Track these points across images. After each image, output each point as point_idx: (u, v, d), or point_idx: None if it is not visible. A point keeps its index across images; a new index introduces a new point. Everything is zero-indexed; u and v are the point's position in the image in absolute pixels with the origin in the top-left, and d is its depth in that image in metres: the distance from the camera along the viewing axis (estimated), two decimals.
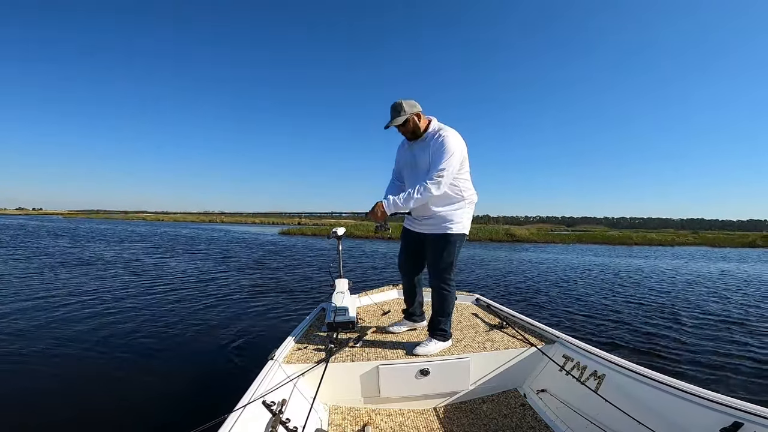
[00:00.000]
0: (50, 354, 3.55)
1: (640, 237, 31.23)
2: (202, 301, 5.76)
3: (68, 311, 4.97)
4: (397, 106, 2.19)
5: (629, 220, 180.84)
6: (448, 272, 2.30)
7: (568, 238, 30.67)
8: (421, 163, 2.26)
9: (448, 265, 2.29)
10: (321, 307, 3.06)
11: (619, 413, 1.67)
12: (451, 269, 2.30)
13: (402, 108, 2.18)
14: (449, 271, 2.30)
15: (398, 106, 2.19)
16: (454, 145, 2.13)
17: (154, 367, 3.35)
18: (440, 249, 2.27)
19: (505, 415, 2.08)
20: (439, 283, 2.31)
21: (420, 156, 2.27)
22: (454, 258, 2.29)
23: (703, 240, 32.14)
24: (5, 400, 2.75)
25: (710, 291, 8.22)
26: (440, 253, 2.27)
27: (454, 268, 2.32)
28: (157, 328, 4.36)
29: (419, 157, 2.28)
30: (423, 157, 2.24)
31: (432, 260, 2.35)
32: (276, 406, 1.61)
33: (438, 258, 2.28)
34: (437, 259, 2.29)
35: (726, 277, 10.74)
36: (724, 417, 1.39)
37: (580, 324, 5.14)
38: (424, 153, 2.24)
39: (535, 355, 2.32)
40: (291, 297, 6.29)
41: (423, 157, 2.24)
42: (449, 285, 2.31)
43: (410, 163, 2.38)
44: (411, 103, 2.21)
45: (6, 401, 2.74)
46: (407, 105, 2.19)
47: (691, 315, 5.84)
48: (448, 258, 2.28)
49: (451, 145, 2.13)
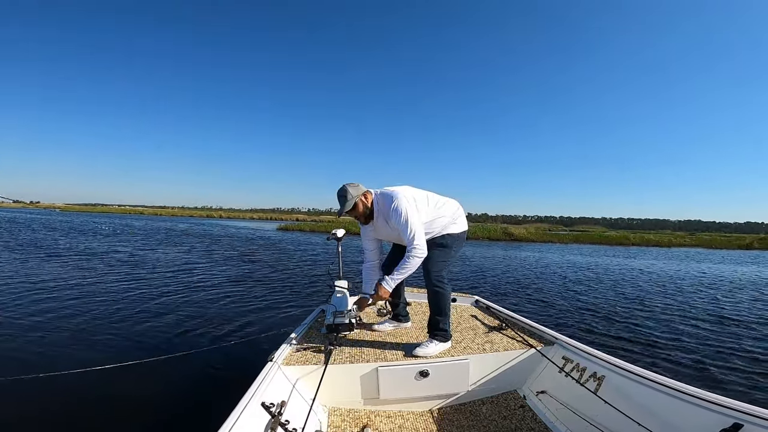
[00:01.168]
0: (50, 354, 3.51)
1: (638, 238, 31.38)
2: (200, 302, 5.72)
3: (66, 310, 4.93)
4: (344, 192, 2.23)
5: (627, 220, 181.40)
6: (441, 271, 2.30)
7: (565, 237, 30.81)
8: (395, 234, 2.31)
9: (440, 264, 2.31)
10: (320, 308, 3.05)
11: (618, 415, 1.67)
12: (444, 268, 2.31)
13: (347, 192, 2.22)
14: (442, 270, 2.31)
15: (344, 192, 2.23)
16: (405, 209, 2.16)
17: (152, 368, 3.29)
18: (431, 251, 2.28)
19: (504, 416, 2.09)
20: (432, 282, 2.31)
21: (391, 231, 2.32)
22: (446, 258, 2.32)
23: (699, 241, 32.33)
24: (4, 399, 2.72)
25: (706, 292, 8.26)
26: (431, 255, 2.27)
27: (448, 267, 2.34)
28: (155, 329, 4.32)
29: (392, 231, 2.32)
30: (392, 231, 2.29)
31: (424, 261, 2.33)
32: (275, 407, 1.60)
33: (428, 258, 2.27)
34: (428, 259, 2.27)
35: (719, 278, 10.80)
36: (724, 418, 1.40)
37: (579, 325, 5.15)
38: (391, 228, 2.29)
39: (535, 357, 2.32)
40: (290, 298, 6.26)
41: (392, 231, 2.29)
42: (443, 284, 2.30)
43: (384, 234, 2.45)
44: (353, 184, 2.27)
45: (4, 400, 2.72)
46: (350, 189, 2.24)
47: (691, 316, 5.86)
48: (440, 258, 2.31)
49: (403, 211, 2.15)
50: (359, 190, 2.27)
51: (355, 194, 2.24)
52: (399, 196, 2.21)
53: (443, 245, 2.34)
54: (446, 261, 2.33)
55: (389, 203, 2.21)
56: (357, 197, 2.25)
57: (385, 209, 2.25)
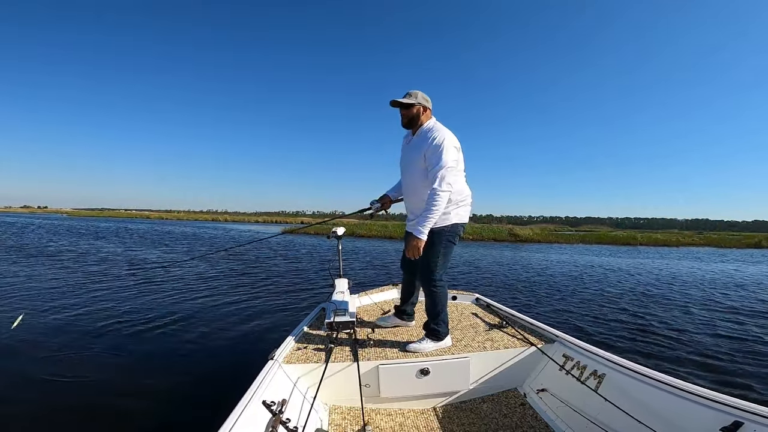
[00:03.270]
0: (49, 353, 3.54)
1: (645, 237, 30.98)
2: (201, 301, 5.76)
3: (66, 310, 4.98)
4: (413, 92, 2.28)
5: (633, 220, 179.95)
6: (434, 269, 2.28)
7: (572, 238, 30.55)
8: (415, 161, 2.29)
9: (433, 262, 2.27)
10: (321, 306, 3.06)
11: (619, 412, 1.67)
12: (437, 266, 2.28)
13: (416, 95, 2.27)
14: (435, 268, 2.27)
15: (413, 92, 2.28)
16: (447, 142, 2.15)
17: (153, 367, 3.35)
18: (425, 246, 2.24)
19: (505, 414, 2.09)
20: (425, 280, 2.32)
21: (414, 154, 2.30)
22: (439, 255, 2.27)
23: (707, 240, 31.92)
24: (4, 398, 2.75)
25: (711, 291, 8.17)
26: (424, 250, 2.23)
27: (441, 265, 2.29)
28: (156, 328, 4.35)
29: (413, 156, 2.30)
30: (416, 155, 2.27)
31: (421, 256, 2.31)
32: (276, 406, 1.61)
33: (422, 255, 2.24)
34: (422, 255, 2.24)
35: (727, 277, 10.67)
36: (725, 416, 1.39)
37: (582, 323, 5.13)
38: (417, 151, 2.27)
39: (535, 355, 2.32)
40: (291, 297, 6.29)
41: (416, 155, 2.27)
42: (435, 283, 2.28)
43: (405, 162, 2.43)
44: (426, 97, 2.30)
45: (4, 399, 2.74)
46: (421, 96, 2.28)
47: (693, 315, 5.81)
48: (432, 255, 2.26)
49: (444, 142, 2.15)
50: (425, 102, 2.29)
51: (419, 100, 2.27)
52: (452, 137, 2.22)
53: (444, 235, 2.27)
54: (437, 258, 2.27)
55: (436, 132, 2.20)
56: (419, 103, 2.27)
57: (429, 133, 2.22)
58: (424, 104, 2.29)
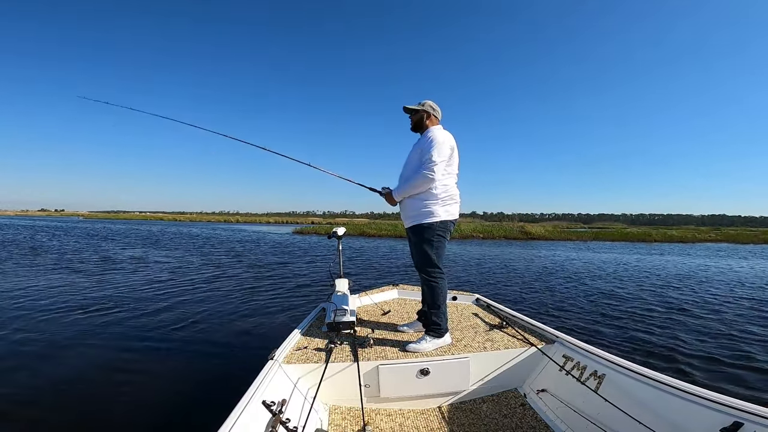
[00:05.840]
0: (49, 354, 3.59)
1: (660, 234, 30.32)
2: (201, 301, 5.81)
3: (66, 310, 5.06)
4: (424, 101, 2.47)
5: (648, 216, 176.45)
6: (428, 263, 2.35)
7: (584, 235, 30.11)
8: (413, 157, 2.43)
9: (425, 256, 2.34)
10: (321, 306, 3.08)
11: (619, 413, 1.66)
12: (431, 260, 2.34)
13: (424, 104, 2.46)
14: (429, 262, 2.34)
15: (424, 102, 2.47)
16: (442, 140, 2.29)
17: (153, 367, 3.37)
18: (415, 240, 2.38)
19: (505, 415, 2.09)
20: (421, 274, 2.39)
21: (414, 152, 2.45)
22: (430, 249, 2.33)
23: (725, 236, 31.18)
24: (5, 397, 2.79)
25: (722, 290, 7.99)
26: (415, 245, 2.38)
27: (435, 259, 2.34)
28: (157, 328, 4.39)
29: (413, 153, 2.46)
30: (415, 152, 2.42)
31: (412, 252, 2.45)
32: (276, 406, 1.63)
33: (414, 249, 2.40)
34: (414, 250, 2.40)
35: (742, 274, 10.44)
36: (725, 417, 1.38)
37: (587, 323, 5.05)
38: (416, 149, 2.42)
39: (535, 355, 2.31)
40: (291, 297, 6.31)
41: (415, 152, 2.42)
42: (432, 276, 2.35)
43: (406, 160, 2.56)
44: (434, 106, 2.47)
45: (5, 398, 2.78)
46: (429, 104, 2.47)
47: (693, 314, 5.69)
48: (423, 249, 2.34)
49: (439, 139, 2.29)
50: (432, 111, 2.46)
51: (425, 108, 2.45)
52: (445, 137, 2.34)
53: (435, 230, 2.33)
54: (429, 252, 2.33)
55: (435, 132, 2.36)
56: (425, 110, 2.45)
57: (428, 133, 2.38)
58: (430, 111, 2.45)
